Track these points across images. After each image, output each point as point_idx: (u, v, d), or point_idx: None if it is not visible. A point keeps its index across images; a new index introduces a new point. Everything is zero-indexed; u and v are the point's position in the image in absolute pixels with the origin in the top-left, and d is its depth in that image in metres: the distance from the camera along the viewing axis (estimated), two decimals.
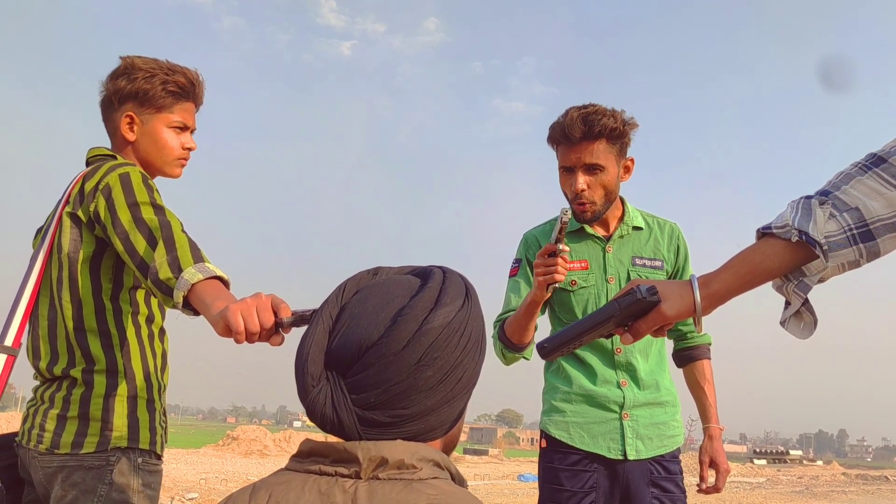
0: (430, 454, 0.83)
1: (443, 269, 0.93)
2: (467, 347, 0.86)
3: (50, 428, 1.57)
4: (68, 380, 1.61)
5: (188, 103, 1.78)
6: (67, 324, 1.61)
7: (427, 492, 0.78)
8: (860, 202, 1.15)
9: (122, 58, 1.75)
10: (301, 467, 0.84)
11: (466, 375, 0.87)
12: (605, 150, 2.01)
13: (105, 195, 1.54)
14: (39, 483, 1.61)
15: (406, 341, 0.81)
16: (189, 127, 1.79)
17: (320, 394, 0.82)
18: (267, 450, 24.55)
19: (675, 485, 2.08)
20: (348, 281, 0.93)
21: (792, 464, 47.49)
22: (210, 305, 1.26)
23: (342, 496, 0.78)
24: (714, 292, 1.21)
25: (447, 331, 0.83)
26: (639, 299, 1.20)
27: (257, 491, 0.82)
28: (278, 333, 1.19)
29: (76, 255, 1.61)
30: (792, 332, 1.24)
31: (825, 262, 1.16)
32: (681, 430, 2.15)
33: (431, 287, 0.87)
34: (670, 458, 2.10)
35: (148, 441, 1.63)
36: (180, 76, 1.74)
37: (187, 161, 1.82)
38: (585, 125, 1.98)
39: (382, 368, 0.80)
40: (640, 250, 2.16)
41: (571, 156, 2.02)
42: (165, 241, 1.44)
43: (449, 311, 0.84)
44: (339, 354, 0.84)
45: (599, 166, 2.01)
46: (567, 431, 2.08)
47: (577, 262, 2.13)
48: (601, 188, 2.04)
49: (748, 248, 1.23)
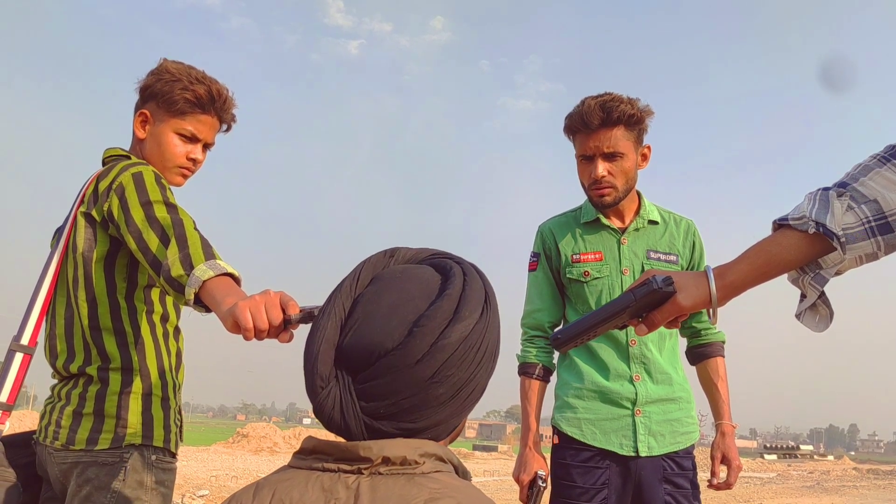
0: (433, 449, 0.82)
1: (463, 270, 0.89)
2: (482, 362, 0.84)
3: (66, 424, 1.59)
4: (84, 377, 1.62)
5: (206, 116, 1.75)
6: (83, 322, 1.63)
7: (429, 485, 0.78)
8: (879, 194, 1.14)
9: (163, 59, 1.76)
10: (304, 464, 0.83)
11: (477, 390, 0.86)
12: (623, 137, 2.02)
13: (118, 194, 1.56)
14: (55, 479, 1.62)
15: (421, 355, 0.79)
16: (200, 139, 1.77)
17: (329, 396, 0.81)
18: (277, 447, 24.61)
19: (687, 481, 2.06)
20: (364, 265, 0.91)
21: (802, 459, 47.33)
22: (220, 302, 1.27)
23: (345, 492, 0.77)
24: (729, 283, 1.20)
25: (464, 346, 0.81)
26: (655, 290, 1.19)
27: (261, 489, 0.82)
28: (287, 330, 1.20)
29: (91, 254, 1.63)
30: (807, 325, 1.23)
31: (842, 254, 1.15)
32: (695, 426, 2.13)
33: (451, 295, 0.84)
34: (684, 454, 2.08)
35: (162, 439, 1.65)
36: (202, 87, 1.72)
37: (191, 172, 1.80)
38: (604, 112, 1.99)
39: (394, 379, 0.79)
40: (656, 244, 2.15)
41: (590, 143, 2.03)
42: (178, 238, 1.44)
43: (467, 326, 0.82)
44: (350, 355, 0.82)
45: (619, 153, 2.02)
46: (579, 428, 2.07)
47: (592, 254, 2.13)
48: (622, 175, 2.05)
49: (764, 239, 1.22)
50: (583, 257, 2.12)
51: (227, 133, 1.84)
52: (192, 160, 1.78)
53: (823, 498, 16.55)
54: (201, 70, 1.76)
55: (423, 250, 0.95)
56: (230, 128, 1.84)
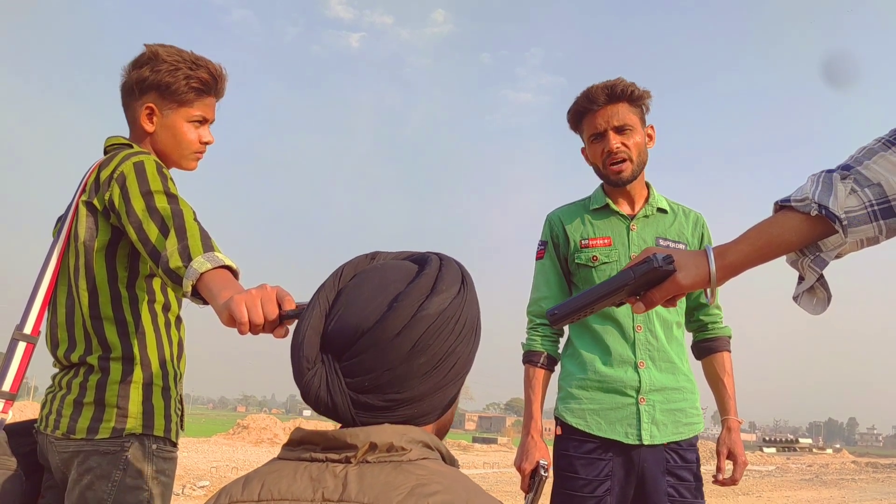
0: (419, 436, 0.84)
1: (439, 256, 0.93)
2: (462, 335, 0.86)
3: (66, 413, 1.60)
4: (85, 367, 1.62)
5: (210, 98, 1.77)
6: (84, 311, 1.63)
7: (416, 472, 0.79)
8: (882, 178, 1.13)
9: (146, 46, 1.74)
10: (293, 455, 0.84)
11: (460, 362, 0.87)
12: (629, 112, 2.09)
13: (119, 183, 1.55)
14: (56, 468, 1.63)
15: (401, 328, 0.81)
16: (208, 120, 1.79)
17: (315, 376, 0.83)
18: (277, 438, 24.66)
19: (691, 473, 2.06)
20: (346, 265, 0.93)
21: (802, 452, 47.42)
22: (217, 295, 1.27)
23: (333, 481, 0.79)
24: (729, 263, 1.20)
25: (442, 318, 0.83)
26: (655, 267, 1.19)
27: (250, 481, 0.83)
28: (282, 325, 1.19)
29: (92, 243, 1.63)
30: (805, 307, 1.22)
31: (844, 237, 1.14)
32: (699, 417, 2.13)
33: (428, 274, 0.87)
34: (687, 445, 2.08)
35: (163, 428, 1.65)
36: (204, 71, 1.73)
37: (203, 154, 1.82)
38: (608, 89, 2.07)
39: (377, 354, 0.81)
40: (665, 232, 2.16)
41: (599, 120, 2.08)
42: (177, 229, 1.44)
43: (444, 299, 0.85)
44: (334, 338, 0.84)
45: (628, 126, 2.07)
46: (584, 419, 2.07)
47: (601, 239, 2.15)
48: (634, 147, 2.09)
49: (765, 220, 1.21)
50: (591, 243, 2.15)
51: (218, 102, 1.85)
52: (205, 143, 1.80)
53: (822, 491, 16.59)
54: (189, 51, 1.76)
55: (403, 252, 0.97)
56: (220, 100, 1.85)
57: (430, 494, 0.76)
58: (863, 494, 15.98)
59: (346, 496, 0.77)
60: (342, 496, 0.77)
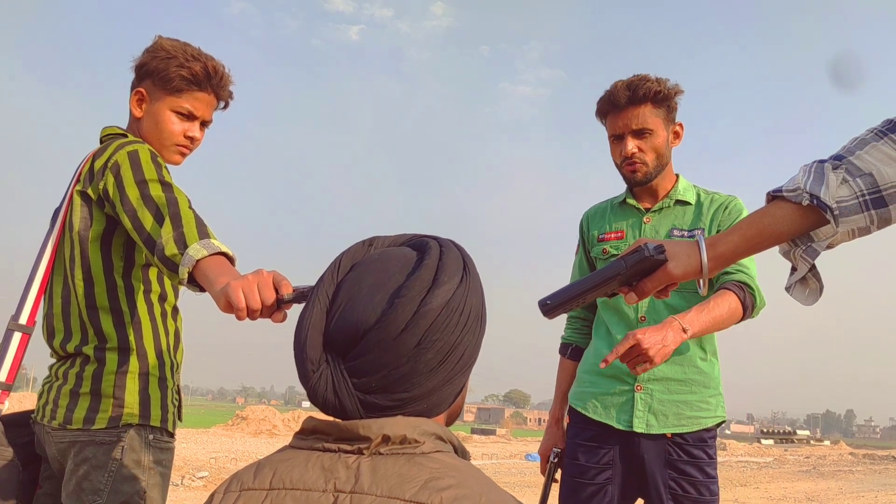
0: (432, 428, 0.82)
1: (439, 242, 0.90)
2: (467, 325, 0.84)
3: (63, 404, 1.59)
4: (81, 357, 1.62)
5: (203, 93, 1.73)
6: (80, 302, 1.62)
7: (429, 465, 0.78)
8: (874, 168, 1.13)
9: (157, 36, 1.74)
10: (305, 444, 0.83)
11: (467, 353, 0.86)
12: (651, 114, 2.04)
13: (114, 172, 1.55)
14: (53, 458, 1.63)
15: (404, 324, 0.79)
16: (197, 117, 1.75)
17: (321, 378, 0.82)
18: (276, 429, 24.71)
19: (697, 469, 1.99)
20: (343, 255, 0.91)
21: (799, 443, 47.54)
22: (213, 282, 1.26)
23: (345, 472, 0.78)
24: (721, 254, 1.21)
25: (446, 310, 0.81)
26: (646, 257, 1.19)
27: (262, 468, 0.82)
28: (280, 310, 1.19)
29: (87, 233, 1.62)
30: (797, 297, 1.23)
31: (835, 227, 1.14)
32: (709, 413, 2.03)
33: (428, 264, 0.84)
34: (694, 440, 2.01)
35: (159, 418, 1.65)
36: (198, 64, 1.70)
37: (189, 150, 1.78)
38: (630, 90, 2.03)
39: (382, 353, 0.79)
40: (681, 223, 2.11)
41: (619, 122, 2.06)
42: (172, 217, 1.43)
43: (447, 290, 0.82)
44: (337, 337, 0.83)
45: (647, 129, 2.04)
46: (583, 401, 2.11)
47: (615, 233, 2.17)
48: (651, 151, 2.06)
49: (757, 210, 1.22)
50: (606, 237, 2.18)
51: (225, 110, 1.82)
52: (189, 138, 1.75)
53: (820, 482, 16.65)
54: (197, 47, 1.74)
55: (401, 236, 0.95)
56: (227, 105, 1.82)
57: (444, 489, 0.75)
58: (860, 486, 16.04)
59: (359, 487, 0.76)
60: (354, 487, 0.76)
